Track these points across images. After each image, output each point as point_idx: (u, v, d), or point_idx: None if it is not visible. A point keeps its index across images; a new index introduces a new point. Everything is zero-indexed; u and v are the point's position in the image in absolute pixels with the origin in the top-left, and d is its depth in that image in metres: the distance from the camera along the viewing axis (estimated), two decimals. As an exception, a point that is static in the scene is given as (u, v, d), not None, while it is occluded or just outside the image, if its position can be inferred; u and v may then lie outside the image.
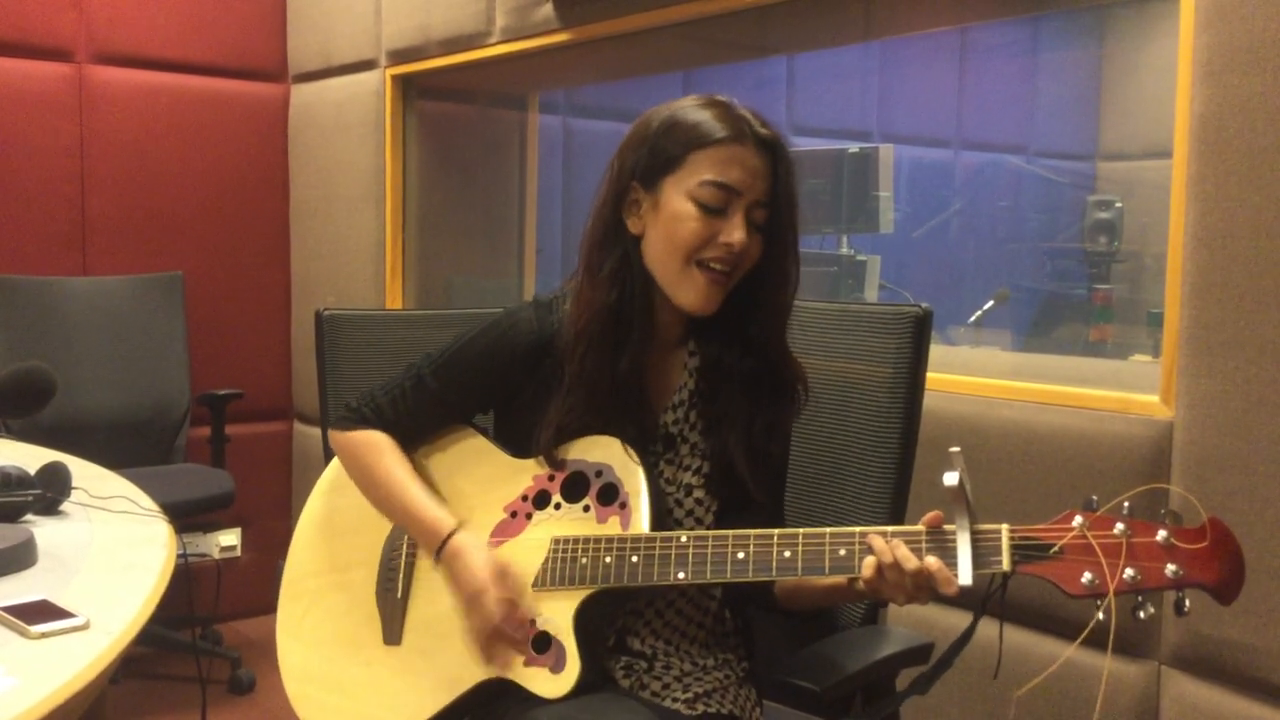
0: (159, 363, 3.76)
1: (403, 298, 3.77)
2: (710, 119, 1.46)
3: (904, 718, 1.63)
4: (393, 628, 1.57)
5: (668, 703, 1.46)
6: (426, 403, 1.60)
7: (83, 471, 1.98)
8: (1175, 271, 1.94)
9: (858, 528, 1.34)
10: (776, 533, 1.36)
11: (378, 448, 1.60)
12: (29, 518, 1.71)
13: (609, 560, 1.42)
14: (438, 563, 1.53)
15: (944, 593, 1.28)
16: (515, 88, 3.98)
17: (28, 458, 1.91)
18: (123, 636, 1.25)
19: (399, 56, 3.66)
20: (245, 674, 3.51)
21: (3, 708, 1.03)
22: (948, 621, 2.09)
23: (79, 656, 1.17)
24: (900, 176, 4.53)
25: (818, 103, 5.09)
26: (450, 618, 1.53)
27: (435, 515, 1.54)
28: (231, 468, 3.68)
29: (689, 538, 1.40)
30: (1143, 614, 1.22)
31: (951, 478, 1.25)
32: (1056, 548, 1.24)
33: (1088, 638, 1.23)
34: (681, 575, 1.39)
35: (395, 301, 3.75)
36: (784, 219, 1.48)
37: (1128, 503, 1.24)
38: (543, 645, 1.45)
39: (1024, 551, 1.25)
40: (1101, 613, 1.20)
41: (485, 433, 1.63)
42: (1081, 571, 1.23)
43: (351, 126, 3.84)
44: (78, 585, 1.42)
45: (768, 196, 1.46)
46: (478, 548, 1.49)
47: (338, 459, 1.70)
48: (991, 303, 3.97)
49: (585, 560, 1.43)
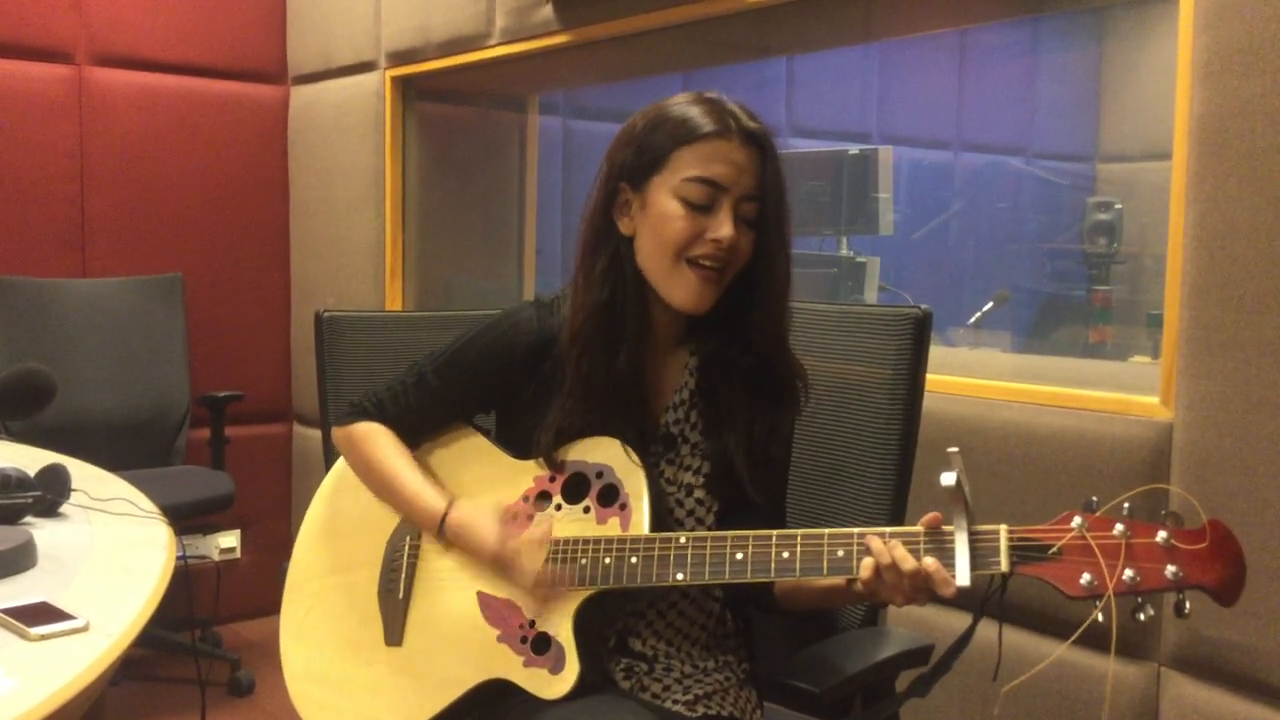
0: (158, 364, 3.76)
1: (402, 299, 3.77)
2: (696, 115, 1.45)
3: (904, 718, 1.63)
4: (394, 628, 1.58)
5: (668, 704, 1.46)
6: (428, 401, 1.61)
7: (82, 473, 1.98)
8: (1175, 273, 1.94)
9: (856, 529, 1.34)
10: (775, 534, 1.36)
11: (376, 438, 1.61)
12: (29, 520, 1.71)
13: (608, 561, 1.42)
14: (444, 544, 1.54)
15: (942, 594, 1.28)
16: (515, 89, 3.98)
17: (27, 459, 1.91)
18: (122, 638, 1.25)
19: (398, 58, 3.66)
20: (245, 676, 3.51)
21: (3, 710, 1.03)
22: (947, 623, 2.08)
23: (79, 658, 1.17)
24: (900, 178, 4.53)
25: (817, 104, 5.09)
26: (451, 619, 1.53)
27: (430, 497, 1.55)
28: (231, 469, 3.68)
29: (688, 539, 1.40)
30: (1142, 615, 1.22)
31: (949, 478, 1.25)
32: (1055, 549, 1.24)
33: (1083, 637, 1.23)
34: (680, 576, 1.39)
35: (395, 303, 3.76)
36: (774, 213, 1.48)
37: (1127, 504, 1.24)
38: (542, 646, 1.45)
39: (1022, 552, 1.25)
40: (1100, 614, 1.20)
41: (487, 433, 1.63)
42: (1080, 572, 1.22)
43: (351, 128, 3.84)
44: (77, 587, 1.42)
45: (756, 190, 1.45)
46: (476, 511, 1.51)
47: (341, 461, 1.70)
48: (991, 304, 3.97)
49: (585, 561, 1.43)
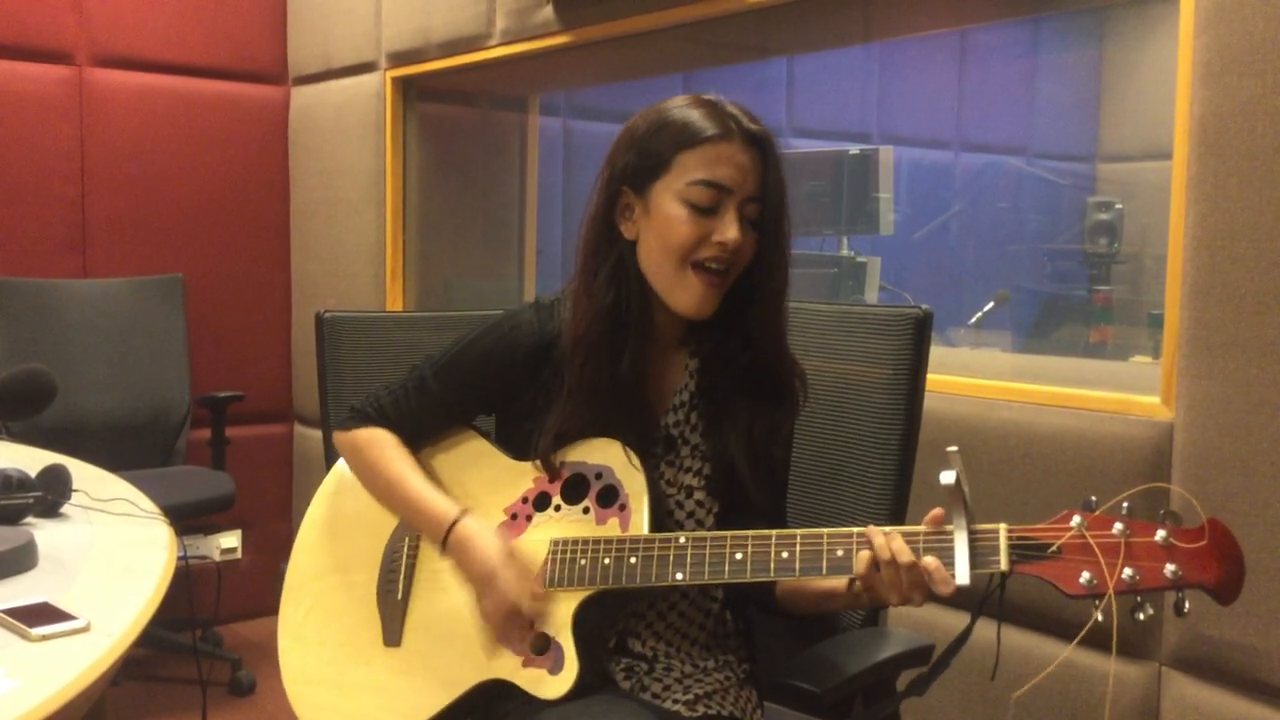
0: (159, 365, 3.76)
1: (403, 299, 3.77)
2: (697, 118, 1.45)
3: (904, 718, 1.63)
4: (393, 629, 1.58)
5: (668, 704, 1.46)
6: (429, 404, 1.61)
7: (83, 474, 1.98)
8: (1175, 273, 1.94)
9: (855, 528, 1.34)
10: (774, 533, 1.36)
11: (380, 443, 1.61)
12: (29, 520, 1.71)
13: (607, 561, 1.42)
14: (444, 552, 1.54)
15: (940, 592, 1.28)
16: (515, 90, 3.99)
17: (28, 460, 1.91)
18: (123, 639, 1.25)
19: (399, 59, 3.66)
20: (245, 676, 3.52)
21: (3, 710, 1.03)
22: (948, 623, 2.08)
23: (79, 659, 1.17)
24: (900, 178, 4.53)
25: (818, 104, 5.09)
26: (450, 619, 1.53)
27: (439, 505, 1.54)
28: (232, 470, 3.68)
29: (687, 539, 1.40)
30: (1142, 615, 1.22)
31: (948, 476, 1.25)
32: (1055, 547, 1.24)
33: (1086, 638, 1.23)
34: (680, 576, 1.39)
35: (395, 303, 3.76)
36: (775, 213, 1.48)
37: (1126, 503, 1.24)
38: (541, 646, 1.45)
39: (1022, 551, 1.25)
40: (1100, 613, 1.20)
41: (487, 435, 1.63)
42: (1080, 571, 1.22)
43: (352, 129, 3.84)
44: (78, 587, 1.42)
45: (759, 192, 1.46)
46: (484, 531, 1.50)
47: (340, 462, 1.70)
48: (991, 304, 3.97)
49: (584, 562, 1.43)
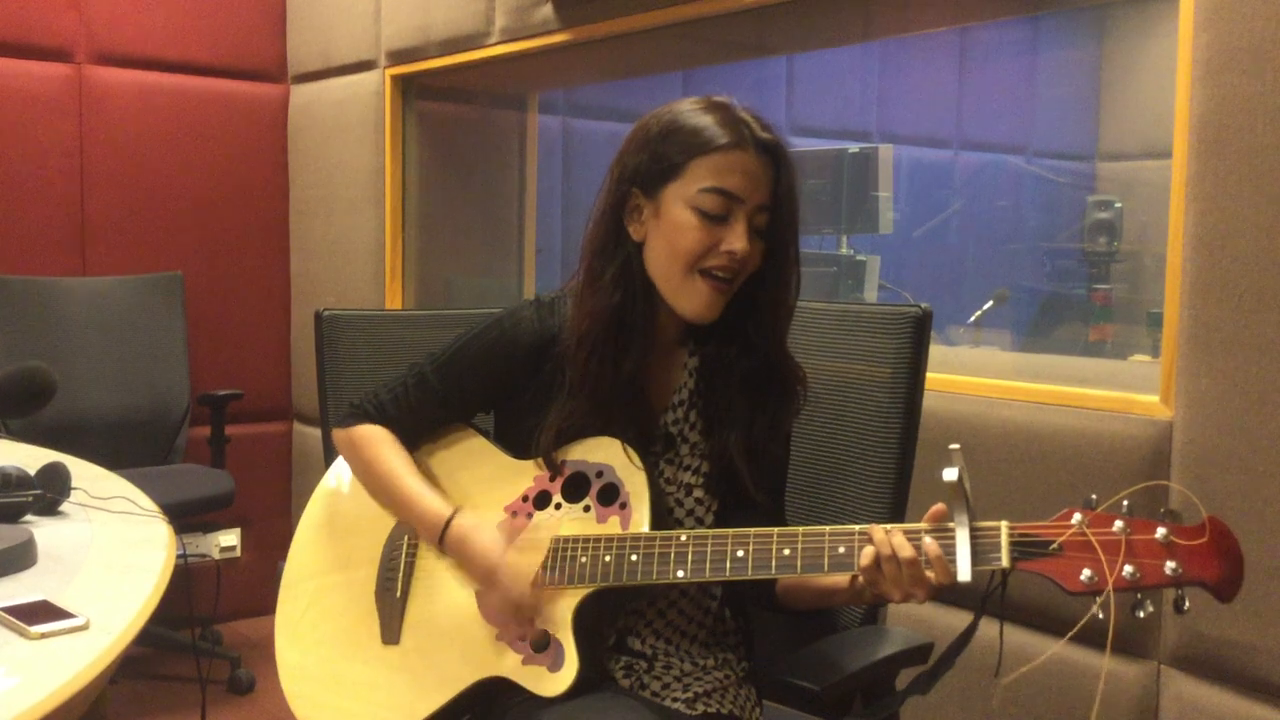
0: (158, 363, 3.76)
1: (402, 298, 3.77)
2: (711, 124, 1.45)
3: (904, 716, 1.63)
4: (391, 627, 1.57)
5: (668, 702, 1.46)
6: (428, 401, 1.61)
7: (82, 472, 1.98)
8: (1175, 271, 1.94)
9: (857, 526, 1.34)
10: (776, 531, 1.36)
11: (378, 441, 1.61)
12: (29, 518, 1.71)
13: (608, 559, 1.42)
14: (441, 551, 1.54)
15: (941, 581, 1.28)
16: (515, 88, 3.98)
17: (27, 458, 1.91)
18: (122, 637, 1.25)
19: (398, 57, 3.66)
20: (245, 674, 3.52)
21: (3, 708, 1.03)
22: (948, 621, 2.09)
23: (79, 656, 1.17)
24: (900, 177, 4.54)
25: (817, 103, 5.09)
26: (449, 617, 1.53)
27: (433, 504, 1.54)
28: (231, 468, 3.68)
29: (688, 536, 1.40)
30: (1142, 613, 1.22)
31: (950, 474, 1.25)
32: (1056, 544, 1.24)
33: (1083, 635, 1.23)
34: (681, 573, 1.39)
35: (395, 302, 3.76)
36: (785, 223, 1.48)
37: (1127, 500, 1.24)
38: (541, 644, 1.45)
39: (1023, 548, 1.25)
40: (1100, 610, 1.20)
41: (486, 434, 1.63)
42: (1081, 568, 1.22)
43: (351, 127, 3.84)
44: (77, 585, 1.42)
45: (769, 201, 1.46)
46: (482, 526, 1.50)
47: (339, 460, 1.70)
48: (991, 303, 3.97)
49: (585, 559, 1.43)
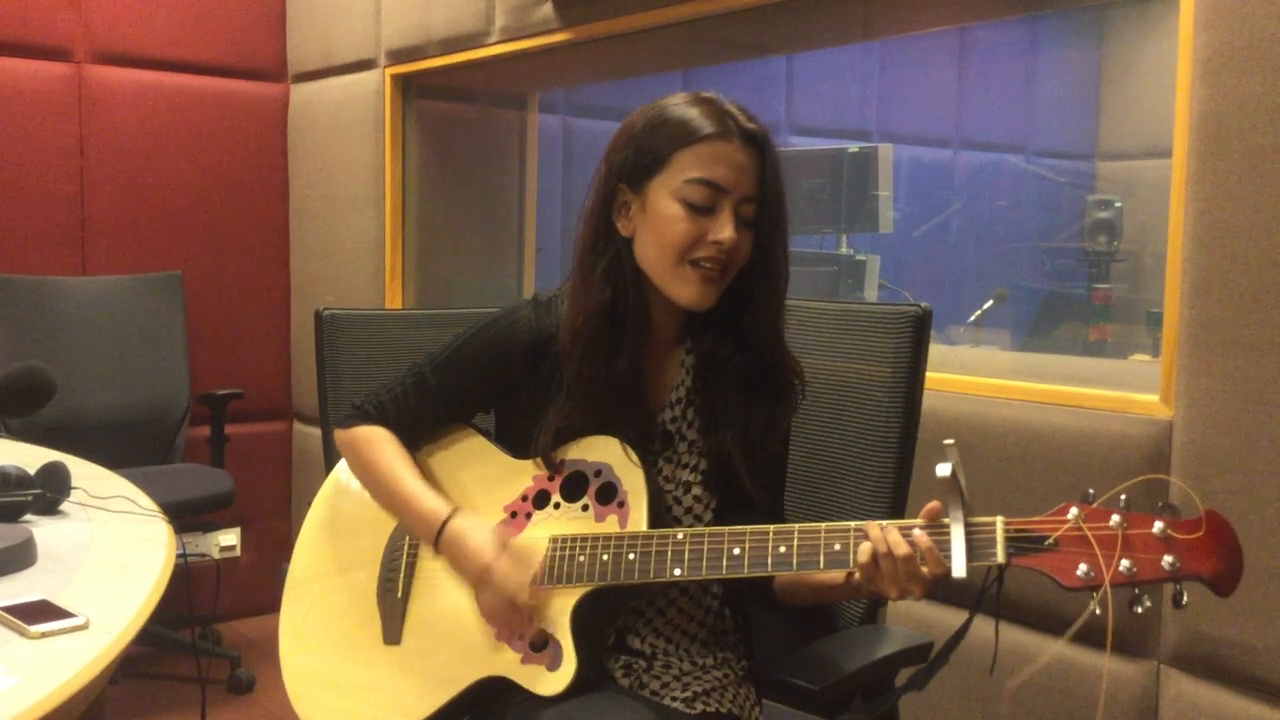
0: (158, 362, 3.76)
1: (402, 297, 3.77)
2: (695, 116, 1.45)
3: (902, 715, 1.64)
4: (392, 627, 1.58)
5: (667, 701, 1.46)
6: (428, 400, 1.61)
7: (82, 471, 1.98)
8: (1175, 271, 1.94)
9: (853, 522, 1.34)
10: (772, 528, 1.36)
11: (378, 442, 1.61)
12: (29, 517, 1.71)
13: (606, 558, 1.42)
14: (437, 551, 1.54)
15: (934, 573, 1.28)
16: (515, 87, 3.98)
17: (27, 457, 1.91)
18: (122, 636, 1.25)
19: (398, 56, 3.66)
20: (244, 674, 3.52)
21: (3, 707, 1.03)
22: (946, 620, 2.08)
23: (79, 656, 1.17)
24: (900, 176, 4.54)
25: (817, 102, 5.09)
26: (449, 617, 1.53)
27: (431, 504, 1.54)
28: (231, 467, 3.68)
29: (685, 535, 1.40)
30: (1140, 608, 1.22)
31: (944, 469, 1.25)
32: (1051, 539, 1.24)
33: (1082, 634, 1.23)
34: (678, 572, 1.39)
35: (395, 301, 3.76)
36: (772, 213, 1.48)
37: (1124, 495, 1.24)
38: (540, 643, 1.45)
39: (1019, 544, 1.25)
40: (1098, 606, 1.20)
41: (486, 434, 1.63)
42: (1077, 563, 1.22)
43: (351, 126, 3.84)
44: (77, 585, 1.42)
45: (756, 191, 1.46)
46: (477, 528, 1.50)
47: (342, 462, 1.70)
48: (991, 302, 3.97)
49: (583, 558, 1.44)
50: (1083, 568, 1.22)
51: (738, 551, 1.37)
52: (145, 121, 3.88)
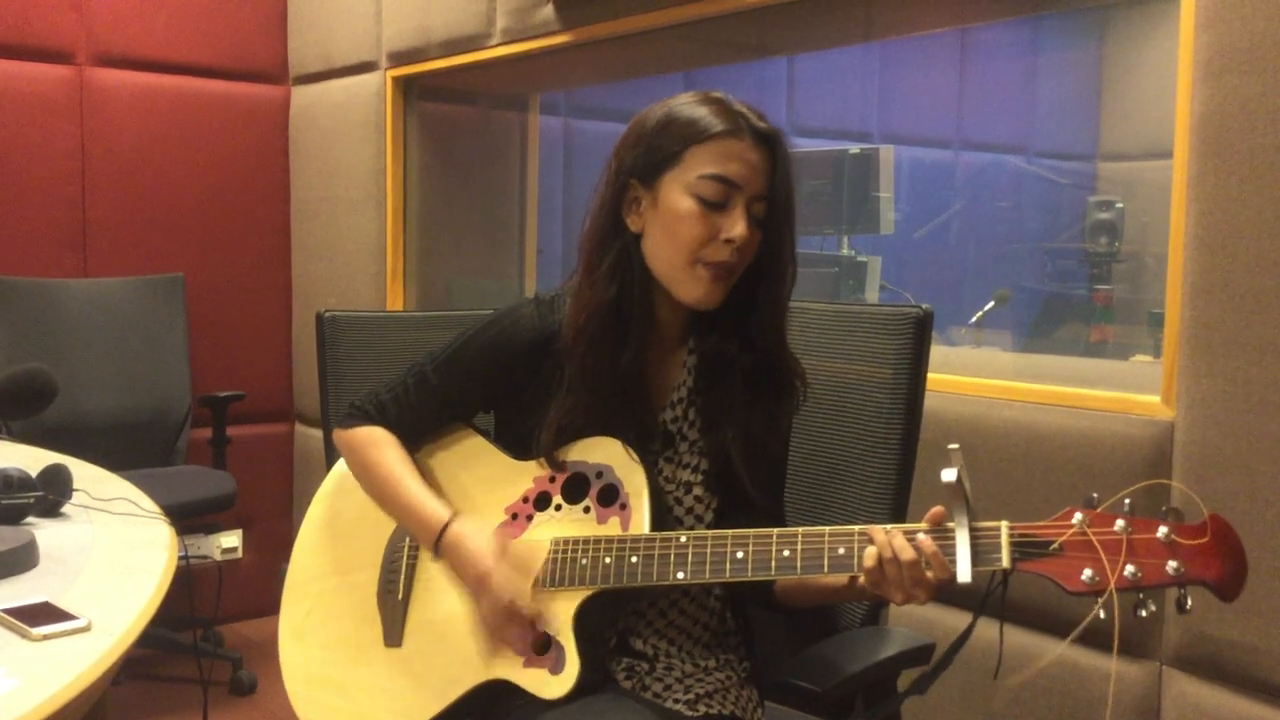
0: (160, 364, 3.76)
1: (404, 299, 3.77)
2: (708, 114, 1.45)
3: (905, 716, 1.63)
4: (393, 630, 1.57)
5: (669, 704, 1.46)
6: (429, 400, 1.60)
7: (84, 473, 1.98)
8: (1176, 272, 1.94)
9: (856, 526, 1.34)
10: (775, 532, 1.36)
11: (378, 443, 1.61)
12: (30, 520, 1.71)
13: (608, 561, 1.42)
14: (437, 555, 1.54)
15: (939, 578, 1.28)
16: (516, 89, 3.98)
17: (29, 460, 1.91)
18: (124, 638, 1.25)
19: (399, 58, 3.66)
20: (246, 675, 3.52)
21: (5, 709, 1.03)
22: (949, 622, 2.08)
23: (81, 658, 1.17)
24: (901, 177, 4.53)
25: (818, 103, 5.09)
26: (450, 619, 1.53)
27: (431, 508, 1.54)
28: (233, 469, 3.68)
29: (688, 538, 1.40)
30: (1144, 612, 1.22)
31: (950, 474, 1.25)
32: (1056, 544, 1.24)
33: (1084, 636, 1.23)
34: (681, 575, 1.39)
35: (396, 303, 3.76)
36: (782, 215, 1.48)
37: (1128, 500, 1.24)
38: (542, 646, 1.45)
39: (1024, 548, 1.25)
40: (1102, 610, 1.20)
41: (486, 435, 1.63)
42: (1082, 568, 1.22)
43: (352, 128, 3.84)
44: (79, 587, 1.42)
45: (767, 191, 1.46)
46: (477, 532, 1.50)
47: (341, 462, 1.70)
48: (992, 303, 3.96)
49: (585, 561, 1.43)
50: (1087, 573, 1.22)
51: (741, 555, 1.37)
52: (146, 124, 3.88)
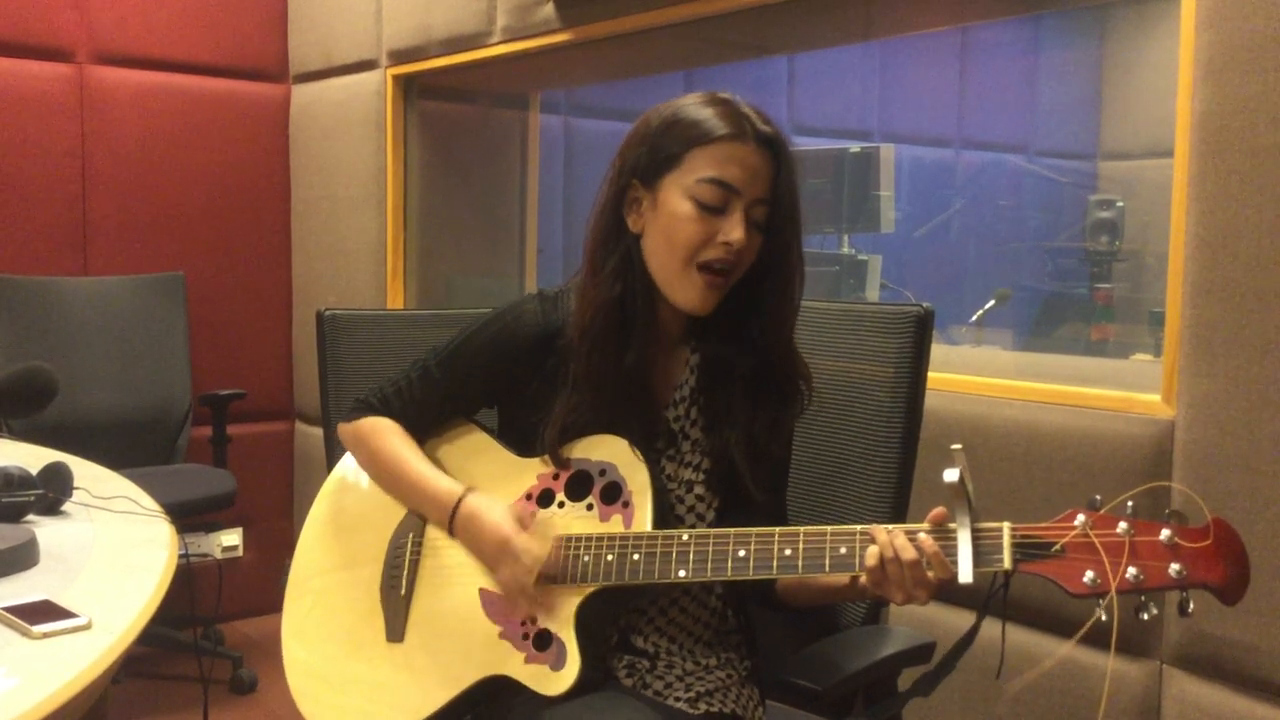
0: (160, 363, 3.77)
1: (404, 297, 3.77)
2: (711, 116, 1.45)
3: (906, 716, 1.63)
4: (396, 625, 1.58)
5: (670, 702, 1.46)
6: (432, 395, 1.61)
7: (84, 472, 1.98)
8: (1176, 271, 1.94)
9: (858, 526, 1.34)
10: (777, 531, 1.36)
11: (383, 431, 1.61)
12: (31, 518, 1.71)
13: (610, 558, 1.42)
14: (452, 532, 1.54)
15: (940, 579, 1.28)
16: (516, 87, 3.98)
17: (29, 458, 1.91)
18: (125, 636, 1.25)
19: (400, 56, 3.66)
20: (247, 674, 3.52)
21: (5, 707, 1.03)
22: (950, 621, 2.08)
23: (81, 656, 1.17)
24: (901, 176, 4.53)
25: (819, 102, 5.09)
26: (453, 615, 1.53)
27: (444, 484, 1.55)
28: (233, 468, 3.68)
29: (690, 535, 1.40)
30: (1145, 614, 1.22)
31: (952, 474, 1.25)
32: (1058, 546, 1.24)
33: (1087, 636, 1.23)
34: (683, 573, 1.39)
35: (396, 301, 3.76)
36: (786, 218, 1.48)
37: (1131, 502, 1.24)
38: (543, 642, 1.45)
39: (1026, 550, 1.25)
40: (1104, 612, 1.20)
41: (490, 431, 1.63)
42: (1084, 570, 1.22)
43: (352, 126, 3.84)
44: (80, 585, 1.42)
45: (768, 194, 1.46)
46: (494, 505, 1.50)
47: (344, 459, 1.70)
48: (993, 302, 3.97)
49: (587, 558, 1.43)
50: (1089, 575, 1.22)
51: (743, 554, 1.37)
52: (147, 122, 3.88)
